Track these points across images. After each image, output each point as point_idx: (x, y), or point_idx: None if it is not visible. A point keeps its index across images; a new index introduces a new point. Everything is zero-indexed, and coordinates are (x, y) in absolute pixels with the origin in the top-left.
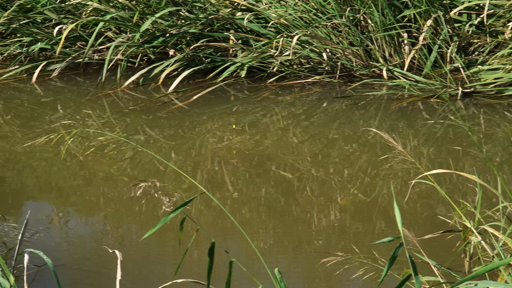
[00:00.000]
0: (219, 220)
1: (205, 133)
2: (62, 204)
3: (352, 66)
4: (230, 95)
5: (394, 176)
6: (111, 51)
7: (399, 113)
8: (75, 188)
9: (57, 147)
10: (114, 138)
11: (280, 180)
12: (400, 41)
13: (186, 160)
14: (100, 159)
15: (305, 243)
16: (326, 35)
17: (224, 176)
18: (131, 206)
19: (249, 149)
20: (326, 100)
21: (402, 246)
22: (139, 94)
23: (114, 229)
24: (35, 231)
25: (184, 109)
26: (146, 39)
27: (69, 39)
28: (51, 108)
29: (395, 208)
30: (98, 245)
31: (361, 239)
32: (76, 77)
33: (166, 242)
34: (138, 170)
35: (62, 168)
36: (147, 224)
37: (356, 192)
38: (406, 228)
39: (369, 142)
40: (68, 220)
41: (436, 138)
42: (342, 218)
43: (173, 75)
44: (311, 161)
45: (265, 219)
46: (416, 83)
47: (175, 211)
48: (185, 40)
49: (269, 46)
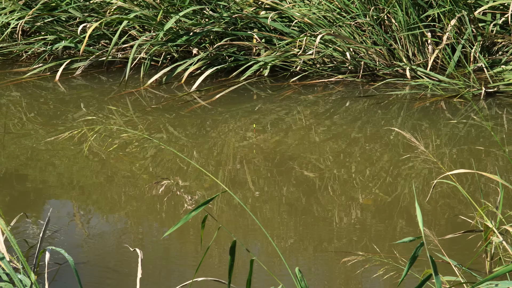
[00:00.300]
0: (240, 218)
1: (227, 132)
2: (84, 202)
3: (375, 66)
4: (252, 94)
5: (416, 176)
6: (134, 49)
7: (422, 113)
8: (97, 186)
9: (79, 145)
10: (136, 136)
11: (301, 179)
12: (423, 40)
13: (208, 159)
14: (122, 157)
15: (326, 242)
16: (350, 34)
17: (246, 174)
18: (152, 204)
19: (271, 148)
20: (349, 100)
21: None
22: (162, 93)
23: (135, 227)
24: (56, 229)
25: (206, 107)
26: (169, 38)
27: (93, 37)
28: (74, 106)
29: (416, 208)
30: (119, 243)
31: (382, 239)
32: (100, 75)
33: (187, 240)
34: (160, 168)
35: (84, 166)
36: (169, 222)
37: (378, 192)
38: (427, 227)
39: (391, 141)
40: (89, 218)
41: (458, 138)
42: (363, 218)
43: (196, 74)
44: (332, 160)
45: (286, 218)
46: (439, 83)
47: (196, 209)
48: (208, 39)
49: (293, 45)
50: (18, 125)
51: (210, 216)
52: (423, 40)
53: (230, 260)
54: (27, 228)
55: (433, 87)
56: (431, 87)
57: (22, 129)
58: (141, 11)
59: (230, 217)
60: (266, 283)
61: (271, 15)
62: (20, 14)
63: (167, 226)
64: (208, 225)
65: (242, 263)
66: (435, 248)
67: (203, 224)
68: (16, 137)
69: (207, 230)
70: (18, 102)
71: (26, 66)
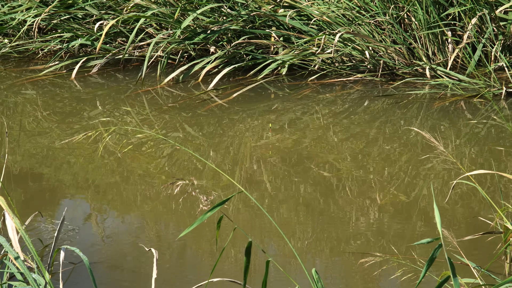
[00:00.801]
0: (256, 219)
1: (244, 131)
2: (99, 202)
3: (395, 65)
4: (270, 93)
5: (435, 176)
6: (151, 47)
7: (441, 113)
8: (112, 186)
9: (95, 144)
10: (152, 135)
11: (319, 179)
12: (444, 39)
13: (225, 158)
14: (138, 157)
15: (343, 243)
16: (369, 32)
17: (262, 174)
18: (168, 204)
19: (288, 148)
20: (368, 99)
21: (441, 247)
22: (178, 91)
23: (150, 227)
24: (71, 228)
25: (223, 106)
26: (187, 36)
27: (109, 35)
28: (90, 105)
29: (435, 209)
30: (134, 243)
31: (400, 240)
32: (116, 73)
33: (202, 240)
34: (176, 168)
35: (99, 165)
36: (184, 222)
37: (396, 192)
38: (446, 229)
39: (410, 141)
40: (104, 218)
41: (478, 138)
42: (381, 218)
43: (213, 72)
44: (350, 161)
45: (303, 219)
46: (459, 82)
47: (212, 210)
48: (226, 37)
49: (311, 44)
50: (34, 124)
51: (225, 216)
52: (443, 39)
53: (246, 261)
54: (41, 227)
55: (453, 86)
56: (451, 87)
57: (37, 128)
58: (158, 8)
59: (246, 218)
60: (282, 284)
61: (290, 13)
62: (37, 12)
63: (182, 227)
64: (223, 226)
65: (258, 264)
66: (454, 250)
67: (218, 224)
68: (32, 136)
69: (223, 230)
70: (33, 100)
71: (42, 64)
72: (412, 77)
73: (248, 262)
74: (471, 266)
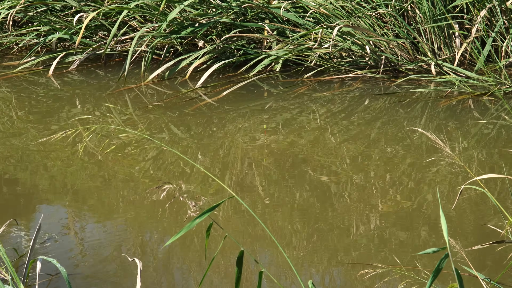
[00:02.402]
0: (248, 226)
1: (235, 132)
2: (79, 208)
3: (398, 60)
4: (263, 91)
5: (441, 181)
6: (135, 42)
7: (448, 112)
8: (93, 190)
9: (74, 146)
10: (136, 136)
11: (315, 184)
12: (450, 33)
13: (214, 162)
14: (121, 159)
15: (342, 253)
16: (370, 26)
17: (255, 179)
18: (153, 210)
19: (283, 150)
20: (368, 97)
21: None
22: (164, 89)
23: (134, 236)
24: (48, 236)
25: (212, 105)
26: (173, 29)
27: (90, 28)
28: (68, 104)
29: (441, 216)
30: (117, 253)
31: (403, 250)
32: (97, 70)
33: (190, 249)
34: (162, 171)
35: (79, 168)
36: (170, 230)
37: (399, 198)
38: (453, 238)
39: (414, 143)
40: (84, 225)
41: (488, 139)
42: (383, 226)
43: (201, 69)
44: (350, 164)
45: (298, 226)
46: (467, 79)
47: (201, 216)
48: (215, 31)
49: (307, 38)
50: (8, 124)
51: (215, 223)
52: (450, 33)
53: (237, 271)
54: (17, 235)
55: (461, 84)
56: (458, 84)
57: (12, 128)
58: (142, 0)
59: (237, 225)
60: None
61: (284, 5)
62: (11, 3)
63: (169, 235)
64: (213, 234)
65: (250, 275)
66: (461, 260)
67: (208, 232)
68: (6, 137)
69: (212, 239)
70: (8, 98)
71: (17, 60)
72: (416, 74)
73: (240, 273)
74: (480, 278)
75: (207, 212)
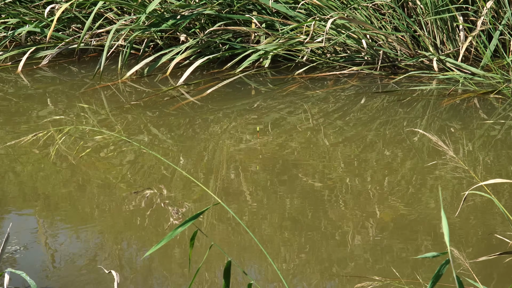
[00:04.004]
0: (235, 235)
1: (220, 134)
2: (50, 215)
3: (397, 56)
4: (250, 89)
5: (444, 187)
6: (111, 35)
7: (451, 112)
8: (66, 197)
9: (45, 148)
10: (113, 138)
11: (307, 190)
12: (454, 26)
13: (197, 165)
14: (96, 163)
15: (336, 265)
16: (367, 18)
17: (242, 184)
18: (131, 218)
19: (272, 153)
20: (365, 96)
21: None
22: (143, 87)
23: (111, 245)
24: (17, 247)
25: (196, 105)
26: (153, 22)
27: (62, 21)
28: (39, 103)
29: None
30: (92, 264)
31: (403, 261)
32: (70, 66)
33: (172, 260)
34: (141, 176)
35: (51, 173)
36: (150, 239)
37: (398, 205)
38: (457, 248)
39: (414, 145)
40: (57, 234)
41: (494, 141)
42: (381, 236)
43: (184, 65)
44: (345, 168)
45: (289, 236)
46: (472, 76)
47: (184, 225)
48: (199, 23)
49: (299, 31)
50: None
51: (200, 232)
52: (454, 26)
53: (225, 284)
54: None
55: (465, 81)
56: (462, 81)
57: None
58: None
59: (223, 234)
60: None
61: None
62: None
63: (148, 244)
64: (197, 243)
65: (238, 287)
66: (466, 273)
67: (192, 241)
68: None
69: (198, 248)
70: None
71: None
72: (417, 70)
73: (228, 285)
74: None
75: (191, 220)
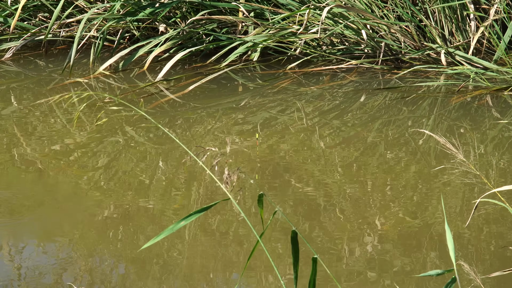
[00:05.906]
0: (219, 249)
1: (204, 135)
2: (13, 227)
3: (400, 48)
4: (237, 85)
5: (452, 194)
6: (82, 25)
7: (461, 110)
8: (31, 206)
9: (8, 152)
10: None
11: (301, 198)
12: (464, 15)
13: (178, 170)
14: (65, 167)
15: (333, 282)
16: (367, 6)
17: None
18: (104, 229)
19: (262, 157)
20: (365, 93)
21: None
22: (118, 83)
23: (82, 260)
24: None
25: (176, 102)
26: (128, 10)
27: (27, 9)
28: (2, 100)
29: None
30: (60, 281)
31: (406, 277)
32: (36, 59)
33: (149, 276)
34: (114, 183)
35: (14, 178)
36: (125, 253)
37: (402, 215)
38: (467, 262)
39: (420, 148)
40: (21, 248)
41: (509, 143)
42: (382, 249)
43: (163, 58)
44: (342, 173)
45: (280, 248)
46: (484, 71)
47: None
48: (180, 12)
49: (291, 21)
50: None
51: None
52: (464, 15)
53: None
54: None
55: (477, 76)
56: (473, 77)
57: None
58: None
59: (206, 248)
60: None
61: None
62: None
63: (123, 259)
64: (176, 257)
65: None
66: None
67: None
68: None
69: (175, 263)
70: None
71: None
72: (423, 65)
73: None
74: None
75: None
